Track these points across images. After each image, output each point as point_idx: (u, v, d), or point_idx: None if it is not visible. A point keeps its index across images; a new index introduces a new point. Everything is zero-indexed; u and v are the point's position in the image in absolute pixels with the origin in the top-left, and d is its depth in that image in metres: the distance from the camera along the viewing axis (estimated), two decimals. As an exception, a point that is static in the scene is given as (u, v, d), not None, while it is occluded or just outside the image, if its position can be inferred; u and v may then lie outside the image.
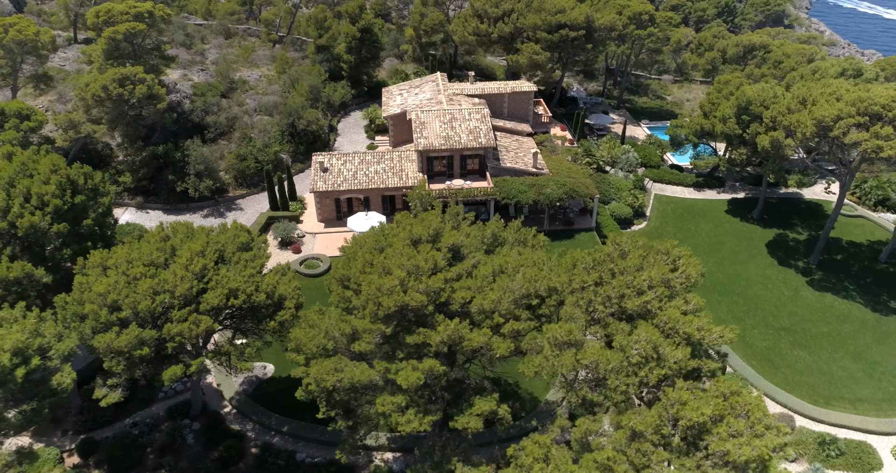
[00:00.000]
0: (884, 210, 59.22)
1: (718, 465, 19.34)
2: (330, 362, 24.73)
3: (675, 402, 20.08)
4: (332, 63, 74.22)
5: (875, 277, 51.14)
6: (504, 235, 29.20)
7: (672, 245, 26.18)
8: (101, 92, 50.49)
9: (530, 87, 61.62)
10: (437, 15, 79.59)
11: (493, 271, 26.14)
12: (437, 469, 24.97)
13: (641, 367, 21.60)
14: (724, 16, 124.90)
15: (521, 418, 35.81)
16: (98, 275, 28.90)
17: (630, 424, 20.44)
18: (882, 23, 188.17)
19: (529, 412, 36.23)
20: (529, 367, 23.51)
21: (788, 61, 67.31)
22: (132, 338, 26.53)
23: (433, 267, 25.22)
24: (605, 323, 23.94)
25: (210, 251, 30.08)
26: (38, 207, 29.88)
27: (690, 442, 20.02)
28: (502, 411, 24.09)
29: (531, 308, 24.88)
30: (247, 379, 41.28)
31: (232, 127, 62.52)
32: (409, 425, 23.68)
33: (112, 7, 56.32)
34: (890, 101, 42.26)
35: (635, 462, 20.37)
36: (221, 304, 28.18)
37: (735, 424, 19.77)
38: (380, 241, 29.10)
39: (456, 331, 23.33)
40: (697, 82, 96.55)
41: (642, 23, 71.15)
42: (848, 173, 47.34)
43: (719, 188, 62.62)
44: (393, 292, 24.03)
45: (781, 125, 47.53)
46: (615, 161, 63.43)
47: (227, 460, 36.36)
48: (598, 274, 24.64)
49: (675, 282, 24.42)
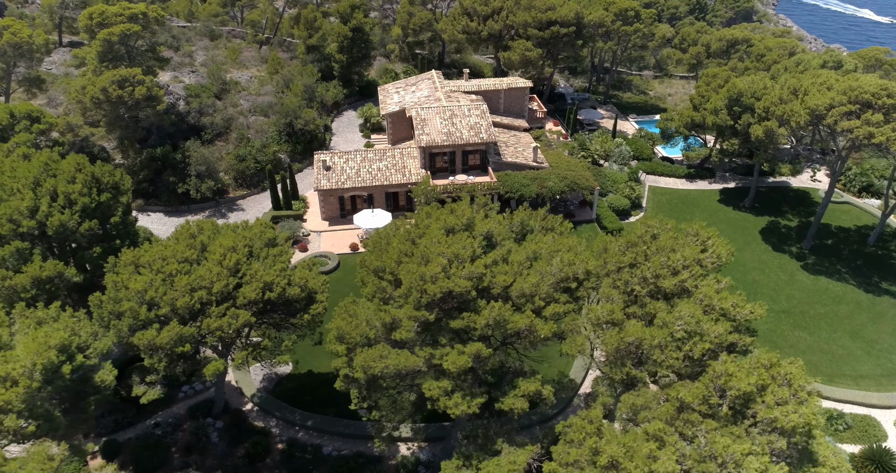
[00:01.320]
0: (868, 196, 61.51)
1: (766, 432, 20.38)
2: (374, 350, 25.22)
3: (721, 373, 21.07)
4: (322, 63, 74.39)
5: (865, 260, 53.20)
6: (531, 223, 29.99)
7: (700, 226, 27.32)
8: (100, 94, 50.11)
9: (525, 83, 62.66)
10: (424, 14, 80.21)
11: (528, 257, 26.91)
12: (482, 450, 25.62)
13: (685, 342, 22.58)
14: (696, 13, 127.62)
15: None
16: (131, 273, 28.96)
17: (679, 396, 21.36)
18: (843, 19, 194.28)
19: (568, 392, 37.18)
20: (573, 347, 24.33)
21: (770, 55, 69.45)
22: (174, 335, 26.69)
23: (472, 254, 25.90)
24: (642, 303, 24.89)
25: (241, 247, 30.34)
26: (66, 206, 29.79)
27: (737, 411, 21.03)
28: (546, 391, 24.86)
29: (569, 291, 25.70)
30: (266, 376, 41.44)
31: (228, 128, 62.37)
32: (457, 408, 24.31)
33: (105, 9, 55.83)
34: (879, 89, 44.13)
35: (685, 432, 21.30)
36: (258, 298, 28.45)
37: (779, 392, 20.84)
38: (411, 232, 29.67)
39: (500, 314, 24.04)
40: (677, 78, 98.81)
41: (628, 19, 72.75)
42: (839, 160, 49.23)
43: (710, 179, 64.35)
44: (437, 279, 24.63)
45: (774, 115, 49.23)
46: (608, 155, 64.78)
47: (254, 456, 36.52)
48: (632, 256, 25.58)
49: (707, 262, 25.49)
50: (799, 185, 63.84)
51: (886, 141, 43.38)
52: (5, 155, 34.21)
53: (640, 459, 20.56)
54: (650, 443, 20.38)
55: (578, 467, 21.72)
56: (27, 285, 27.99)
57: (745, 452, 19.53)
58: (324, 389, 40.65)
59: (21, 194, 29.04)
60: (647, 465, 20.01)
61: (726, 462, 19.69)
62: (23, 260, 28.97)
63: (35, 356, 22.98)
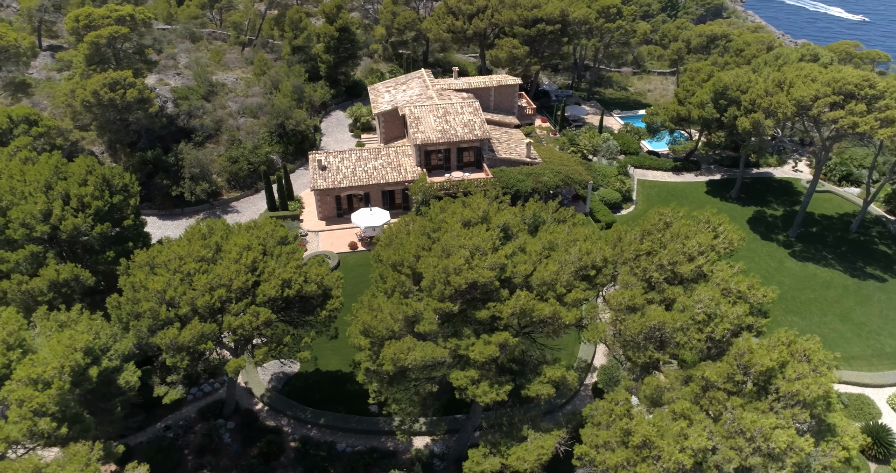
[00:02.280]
0: (847, 185, 63.50)
1: (790, 406, 21.27)
2: (402, 342, 25.59)
3: (744, 351, 21.93)
4: (308, 64, 74.28)
5: (849, 246, 55.00)
6: (543, 214, 30.63)
7: (712, 214, 28.22)
8: (91, 97, 49.56)
9: (515, 80, 63.44)
10: (408, 13, 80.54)
11: (544, 247, 27.54)
12: (508, 436, 26.18)
13: (707, 324, 23.40)
14: (668, 10, 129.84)
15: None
16: (147, 274, 28.91)
17: (704, 375, 22.16)
18: (807, 14, 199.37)
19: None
20: (595, 333, 25.01)
21: (749, 49, 71.24)
22: (196, 333, 26.75)
23: (492, 246, 26.44)
24: (660, 288, 25.68)
25: (255, 245, 30.47)
26: (79, 209, 29.60)
27: (761, 388, 21.90)
28: (570, 377, 25.50)
29: (588, 279, 26.38)
30: (274, 376, 41.50)
31: (219, 130, 62.02)
32: (486, 396, 24.82)
33: (92, 11, 55.14)
34: (861, 80, 45.75)
35: (711, 410, 22.10)
36: (277, 295, 28.62)
37: (799, 368, 21.76)
38: (426, 226, 30.11)
39: (526, 303, 24.61)
40: (655, 74, 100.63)
41: (610, 16, 74.00)
42: (823, 150, 50.86)
43: (696, 171, 65.81)
44: (461, 270, 25.11)
45: (761, 107, 50.67)
46: (597, 150, 65.86)
47: (268, 455, 36.60)
48: (649, 244, 26.37)
49: (719, 247, 26.39)
50: (782, 175, 65.65)
51: (870, 130, 45.01)
52: (8, 159, 33.79)
53: (670, 438, 21.30)
54: (680, 422, 21.12)
55: (609, 448, 22.39)
56: (44, 288, 27.78)
57: (773, 426, 20.38)
58: (333, 387, 40.93)
59: (34, 197, 28.77)
60: (678, 443, 20.75)
61: (755, 436, 20.51)
62: (37, 264, 28.73)
63: (63, 358, 22.91)
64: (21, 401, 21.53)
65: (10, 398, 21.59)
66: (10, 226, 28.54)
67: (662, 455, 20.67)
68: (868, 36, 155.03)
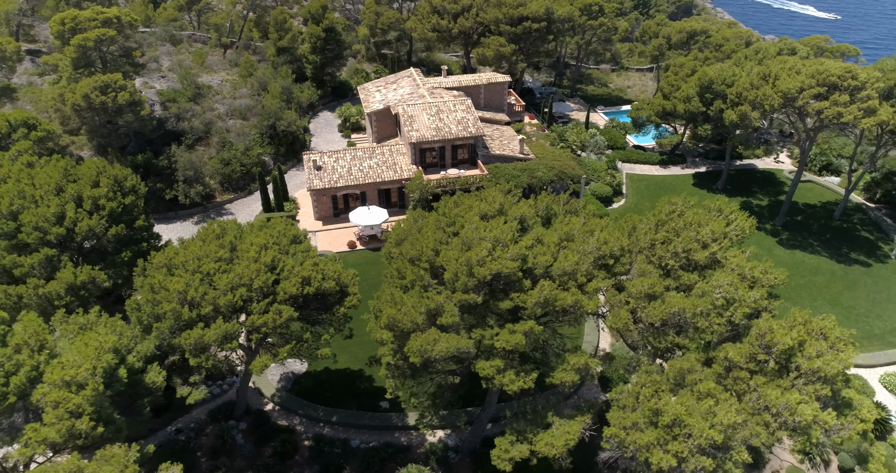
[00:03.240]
0: (828, 174, 65.50)
1: (811, 381, 22.19)
2: (428, 334, 25.95)
3: (765, 331, 22.80)
4: (294, 65, 74.09)
5: (833, 233, 56.80)
6: (554, 207, 31.27)
7: (723, 202, 29.14)
8: (82, 101, 48.93)
9: (504, 78, 64.13)
10: (392, 13, 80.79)
11: (560, 238, 28.17)
12: (533, 424, 26.72)
13: (726, 308, 24.25)
14: (640, 8, 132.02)
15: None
16: (164, 275, 28.84)
17: (728, 356, 22.98)
18: (771, 11, 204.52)
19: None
20: (618, 320, 25.70)
21: (728, 44, 73.01)
22: (220, 333, 26.80)
23: (512, 237, 26.99)
24: (676, 275, 26.48)
25: (272, 244, 30.57)
26: (92, 211, 29.38)
27: (782, 365, 22.79)
28: (593, 364, 26.15)
29: (606, 268, 27.08)
30: (283, 376, 41.51)
31: (208, 132, 61.59)
32: (513, 384, 25.32)
33: (77, 14, 54.40)
34: (844, 72, 47.37)
35: (735, 389, 22.93)
36: (298, 292, 28.78)
37: (817, 345, 22.71)
38: (440, 221, 30.54)
39: (550, 292, 25.19)
40: (633, 71, 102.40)
41: (592, 13, 75.21)
42: (808, 140, 52.49)
43: (682, 164, 67.25)
44: (484, 262, 25.60)
45: (747, 100, 52.08)
46: (585, 145, 66.90)
47: (283, 454, 36.65)
48: (664, 233, 27.16)
49: (731, 234, 27.30)
50: (764, 166, 67.42)
51: (853, 120, 46.61)
52: (11, 163, 33.35)
53: (698, 416, 22.07)
54: (708, 400, 21.89)
55: (638, 429, 23.08)
56: (61, 292, 27.54)
57: (797, 401, 21.25)
58: (342, 385, 41.09)
59: (47, 200, 28.49)
60: (708, 420, 21.51)
61: (780, 411, 21.37)
62: (51, 268, 28.46)
63: (94, 359, 22.84)
64: (57, 403, 21.42)
65: (45, 400, 21.46)
66: (23, 230, 28.23)
67: (693, 432, 21.42)
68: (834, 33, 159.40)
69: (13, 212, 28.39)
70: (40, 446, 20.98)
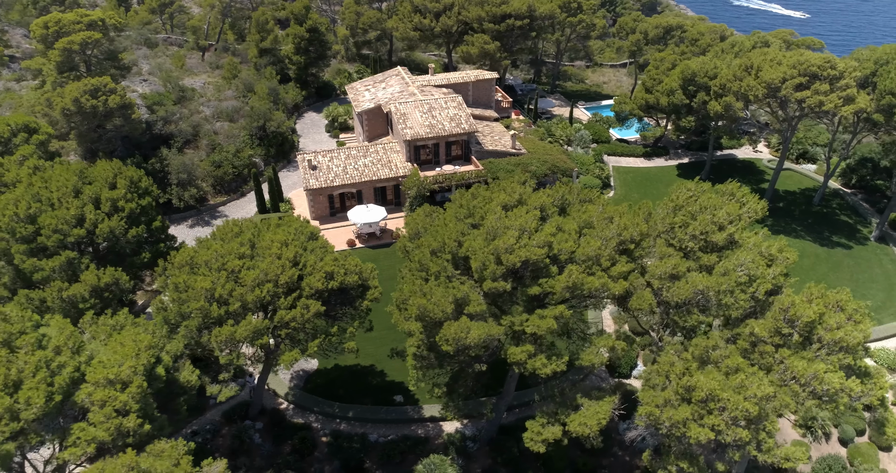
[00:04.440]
0: (804, 162, 67.91)
1: (834, 351, 23.37)
2: (460, 323, 26.48)
3: (788, 306, 23.92)
4: (277, 66, 73.76)
5: (814, 218, 59.00)
6: (569, 196, 32.08)
7: (735, 187, 30.31)
8: (72, 105, 48.12)
9: (491, 74, 64.95)
10: (373, 13, 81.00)
11: (580, 225, 29.00)
12: (563, 405, 27.47)
13: (749, 285, 25.33)
14: (607, 5, 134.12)
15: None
16: (187, 274, 28.80)
17: (753, 331, 24.04)
18: (731, 8, 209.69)
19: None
20: (643, 302, 26.59)
21: (704, 39, 75.04)
22: (251, 328, 26.92)
23: (536, 226, 27.70)
24: (696, 257, 27.52)
25: (291, 240, 30.73)
26: (111, 212, 29.15)
27: (805, 338, 23.94)
28: (619, 345, 27.01)
29: (627, 252, 27.97)
30: (295, 374, 41.57)
31: (196, 135, 61.02)
32: (546, 368, 26.02)
33: (61, 17, 53.45)
34: (823, 62, 49.33)
35: (762, 363, 23.99)
36: (323, 287, 29.03)
37: (836, 317, 23.92)
38: (460, 212, 31.12)
39: (578, 277, 25.96)
40: (608, 67, 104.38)
41: (571, 10, 76.54)
42: (790, 129, 54.45)
43: (666, 156, 68.97)
44: (513, 249, 26.25)
45: (731, 91, 53.80)
46: (570, 139, 68.12)
47: (301, 451, 36.80)
48: (682, 217, 28.17)
49: (745, 216, 28.46)
50: (744, 156, 69.55)
51: (834, 108, 48.57)
52: (17, 168, 32.82)
53: (730, 390, 23.05)
54: (739, 374, 22.89)
55: (672, 406, 23.97)
56: (86, 294, 27.28)
57: (824, 370, 22.39)
58: (354, 381, 41.33)
59: (66, 203, 28.19)
60: (741, 393, 22.50)
61: (809, 381, 22.48)
62: (72, 271, 28.17)
63: (134, 358, 22.82)
64: (103, 402, 21.36)
65: (91, 399, 21.38)
66: (43, 232, 27.91)
67: (728, 405, 22.38)
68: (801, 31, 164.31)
69: (31, 215, 28.03)
70: (90, 445, 20.90)
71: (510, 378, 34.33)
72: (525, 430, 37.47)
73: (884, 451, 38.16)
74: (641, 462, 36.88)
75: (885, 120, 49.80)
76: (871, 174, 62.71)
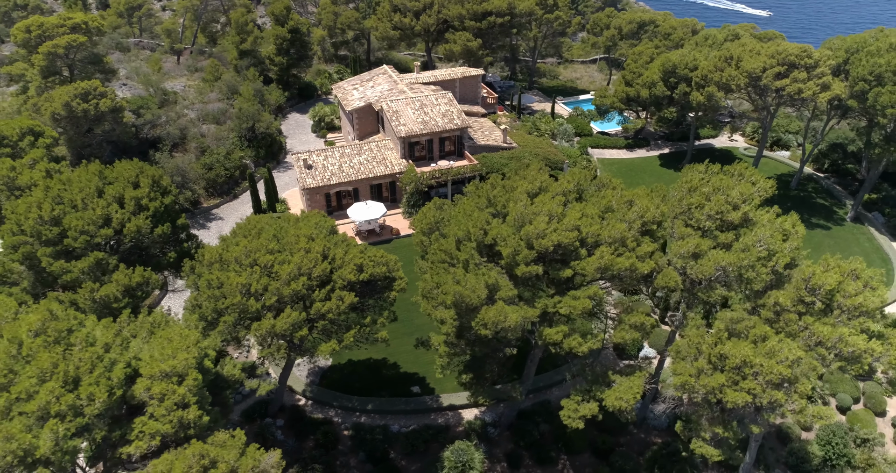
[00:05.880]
0: (778, 149, 70.72)
1: (854, 316, 24.93)
2: (498, 307, 27.23)
3: (809, 275, 25.40)
4: (258, 67, 73.34)
5: (792, 201, 61.54)
6: (583, 183, 33.17)
7: (744, 167, 31.83)
8: (62, 110, 47.27)
9: (477, 71, 65.92)
10: (351, 13, 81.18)
11: (601, 209, 30.10)
12: (596, 382, 28.49)
13: (769, 259, 26.74)
14: (570, 4, 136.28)
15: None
16: (216, 270, 28.90)
17: (778, 301, 25.45)
18: (687, 6, 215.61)
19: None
20: (669, 279, 27.78)
21: (676, 33, 77.51)
22: (290, 321, 27.21)
23: (562, 211, 28.67)
24: (713, 235, 28.86)
25: (318, 235, 31.07)
26: (135, 211, 29.03)
27: (826, 305, 25.45)
28: (649, 321, 28.18)
29: (650, 233, 29.17)
30: (310, 371, 41.72)
31: (184, 138, 60.40)
32: (582, 347, 26.99)
33: (43, 20, 52.37)
34: (800, 51, 51.71)
35: (787, 331, 25.41)
36: (355, 279, 29.46)
37: (854, 285, 25.51)
38: (480, 202, 31.91)
39: (608, 258, 27.01)
40: (578, 63, 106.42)
41: (548, 7, 78.11)
42: (769, 116, 56.80)
43: (647, 147, 70.98)
44: (545, 234, 27.15)
45: (713, 81, 55.87)
46: (555, 133, 69.58)
47: (325, 445, 37.04)
48: (698, 198, 29.49)
49: (756, 196, 29.95)
50: (721, 145, 72.03)
51: (812, 95, 50.96)
52: (30, 171, 32.35)
53: (761, 356, 24.38)
54: (770, 340, 24.24)
55: (706, 374, 25.21)
56: (118, 294, 27.16)
57: (848, 334, 23.89)
58: (369, 374, 41.73)
59: (92, 204, 27.98)
60: (773, 357, 23.84)
61: (834, 344, 23.96)
62: (100, 271, 27.99)
63: (185, 352, 22.95)
64: (163, 395, 21.47)
65: (151, 392, 21.46)
66: (69, 234, 27.68)
67: (761, 370, 23.69)
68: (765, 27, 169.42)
69: (55, 217, 27.77)
70: (154, 438, 21.00)
71: (530, 363, 35.27)
72: (542, 414, 39.04)
73: (879, 416, 40.40)
74: (656, 439, 38.43)
75: (859, 105, 52.38)
76: (841, 159, 65.77)
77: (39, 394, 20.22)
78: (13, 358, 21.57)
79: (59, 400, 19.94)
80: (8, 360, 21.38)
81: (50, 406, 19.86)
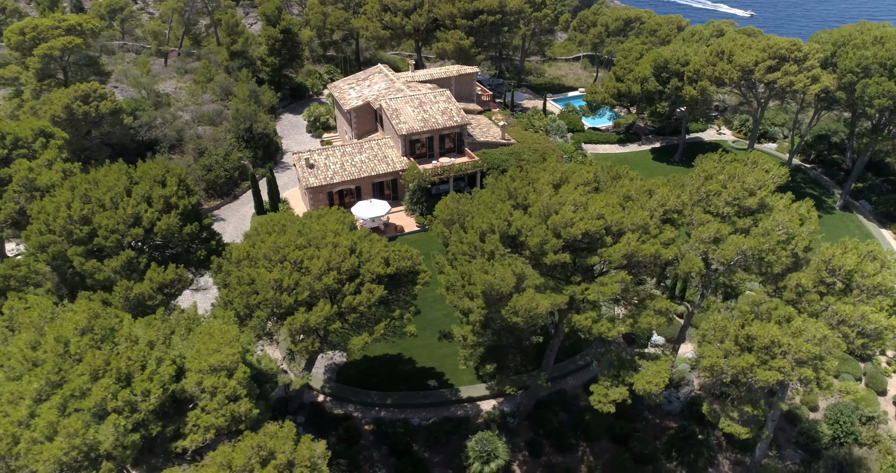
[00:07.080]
0: (765, 141, 72.54)
1: (874, 295, 26.01)
2: (529, 294, 27.81)
3: (830, 257, 26.44)
4: (249, 68, 73.01)
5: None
6: (600, 174, 33.94)
7: (757, 155, 32.83)
8: (63, 113, 46.79)
9: (472, 69, 66.51)
10: (340, 13, 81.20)
11: (620, 198, 30.88)
12: (623, 367, 29.24)
13: (788, 243, 27.75)
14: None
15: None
16: (245, 267, 29.05)
17: (800, 282, 26.44)
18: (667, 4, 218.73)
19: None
20: (692, 265, 28.64)
21: (662, 29, 79.02)
22: (324, 315, 27.48)
23: (586, 200, 29.37)
24: (732, 221, 29.81)
25: (340, 230, 31.35)
26: (164, 210, 29.03)
27: (846, 285, 26.50)
28: (673, 307, 29.00)
29: (670, 221, 30.02)
30: (327, 367, 41.90)
31: (181, 140, 60.01)
32: (611, 331, 27.72)
33: (38, 22, 51.69)
34: (790, 45, 53.26)
35: (809, 311, 26.41)
36: (383, 272, 29.82)
37: (872, 265, 26.61)
38: (500, 195, 32.50)
39: (635, 245, 27.77)
40: (562, 61, 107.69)
41: (536, 4, 79.05)
42: (760, 108, 58.32)
43: (638, 142, 72.29)
44: (573, 222, 27.81)
45: (705, 76, 57.20)
46: (548, 129, 70.49)
47: (348, 440, 37.29)
48: (716, 184, 30.42)
49: (770, 182, 30.99)
50: (710, 138, 73.64)
51: (803, 87, 52.53)
52: (48, 171, 32.10)
53: (787, 336, 25.32)
54: (796, 320, 25.19)
55: (734, 355, 26.08)
56: (153, 292, 27.16)
57: (869, 312, 24.95)
58: (385, 370, 42.05)
59: (123, 203, 27.92)
60: (799, 337, 24.79)
61: (857, 322, 24.99)
62: (131, 269, 27.96)
63: (229, 346, 23.12)
64: (215, 389, 21.62)
65: (202, 386, 21.59)
66: (99, 233, 27.61)
67: (790, 349, 24.63)
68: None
69: (84, 217, 27.68)
70: (209, 431, 21.14)
71: (549, 351, 35.97)
72: (559, 403, 39.74)
73: (880, 395, 41.88)
74: (671, 424, 39.39)
75: (847, 96, 54.08)
76: (827, 150, 67.72)
77: (94, 391, 20.25)
78: (61, 357, 21.55)
79: (115, 397, 20.01)
80: (56, 359, 21.35)
81: (106, 403, 19.92)
